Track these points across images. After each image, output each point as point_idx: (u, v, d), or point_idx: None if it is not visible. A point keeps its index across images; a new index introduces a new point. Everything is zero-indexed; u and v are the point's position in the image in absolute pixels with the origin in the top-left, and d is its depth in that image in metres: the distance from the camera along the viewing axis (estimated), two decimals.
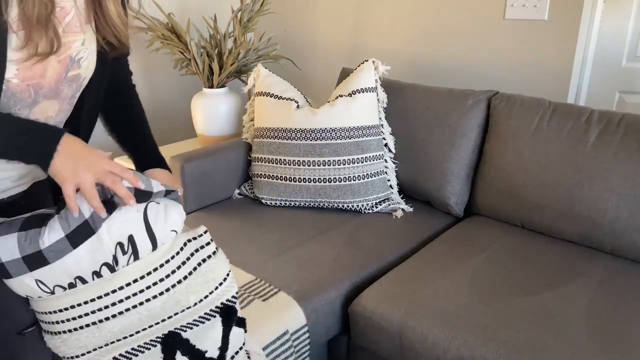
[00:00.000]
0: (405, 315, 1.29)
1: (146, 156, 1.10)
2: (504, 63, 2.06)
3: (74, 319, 0.89)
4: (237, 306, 1.00)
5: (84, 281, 0.87)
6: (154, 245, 0.89)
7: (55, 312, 0.89)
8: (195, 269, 0.93)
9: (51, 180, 1.08)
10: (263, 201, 1.90)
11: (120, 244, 0.86)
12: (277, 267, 1.47)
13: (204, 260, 0.94)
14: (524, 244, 1.59)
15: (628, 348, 1.15)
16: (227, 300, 0.97)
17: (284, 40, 2.77)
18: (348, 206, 1.83)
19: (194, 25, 2.47)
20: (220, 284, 0.96)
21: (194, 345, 0.95)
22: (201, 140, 2.38)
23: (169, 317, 0.92)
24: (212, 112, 2.29)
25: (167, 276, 0.91)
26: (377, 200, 1.85)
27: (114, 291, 0.88)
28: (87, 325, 0.89)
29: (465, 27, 2.12)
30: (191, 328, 0.94)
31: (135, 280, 0.89)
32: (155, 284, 0.90)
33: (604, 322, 1.23)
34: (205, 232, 0.97)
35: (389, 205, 1.85)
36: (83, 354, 0.91)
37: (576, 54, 1.88)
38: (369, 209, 1.83)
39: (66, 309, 0.89)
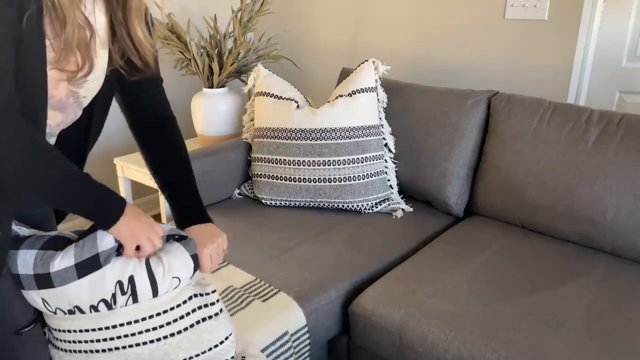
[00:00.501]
0: (405, 315, 1.29)
1: (190, 211, 1.08)
2: (504, 63, 2.06)
3: (68, 341, 0.92)
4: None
5: (81, 311, 0.89)
6: (154, 290, 0.90)
7: (56, 330, 0.92)
8: (192, 325, 0.93)
9: None
10: (263, 201, 1.90)
11: (120, 283, 0.88)
12: (277, 267, 1.47)
13: (204, 319, 0.93)
14: (524, 244, 1.59)
15: (628, 348, 1.15)
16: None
17: (284, 40, 2.77)
18: (348, 206, 1.83)
19: (194, 25, 2.47)
20: (216, 345, 0.95)
21: None
22: (201, 140, 2.38)
23: None
24: (212, 112, 2.28)
25: (162, 326, 0.91)
26: (377, 200, 1.85)
27: (107, 327, 0.90)
28: (79, 351, 0.91)
29: (465, 27, 2.12)
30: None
31: (129, 322, 0.90)
32: (148, 330, 0.91)
33: (604, 322, 1.23)
34: (214, 291, 0.96)
35: (389, 205, 1.85)
36: None
37: (576, 54, 1.88)
38: (369, 209, 1.83)
39: (63, 330, 0.91)
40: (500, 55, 2.06)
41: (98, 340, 0.90)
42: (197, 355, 0.94)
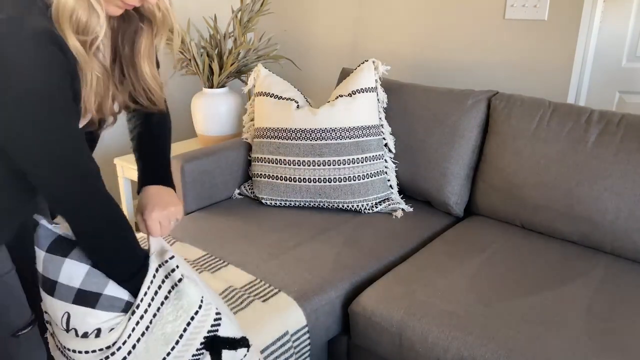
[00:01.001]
0: (405, 315, 1.29)
1: (153, 173, 1.09)
2: (504, 63, 2.05)
3: (76, 351, 0.91)
4: (224, 329, 0.97)
5: (97, 335, 0.89)
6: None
7: (60, 347, 0.93)
8: (166, 297, 0.92)
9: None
10: (263, 201, 1.90)
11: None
12: (277, 267, 1.47)
13: (173, 287, 0.93)
14: (524, 244, 1.59)
15: (628, 348, 1.15)
16: (209, 331, 0.95)
17: (284, 40, 2.77)
18: (348, 206, 1.83)
19: (194, 25, 2.47)
20: (196, 312, 0.94)
21: None
22: (201, 140, 2.38)
23: None
24: (212, 112, 2.28)
25: (145, 311, 0.91)
26: (377, 200, 1.85)
27: (108, 347, 0.90)
28: None
29: (465, 27, 2.12)
30: None
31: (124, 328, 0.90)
32: (137, 323, 0.91)
33: (604, 322, 1.23)
34: (172, 257, 0.95)
35: (389, 205, 1.85)
36: None
37: (576, 54, 1.88)
38: (369, 209, 1.83)
39: (68, 349, 0.91)
40: (500, 55, 2.05)
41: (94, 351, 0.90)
42: (184, 330, 0.93)
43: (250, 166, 1.97)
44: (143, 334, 0.91)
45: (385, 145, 1.90)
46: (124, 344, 0.89)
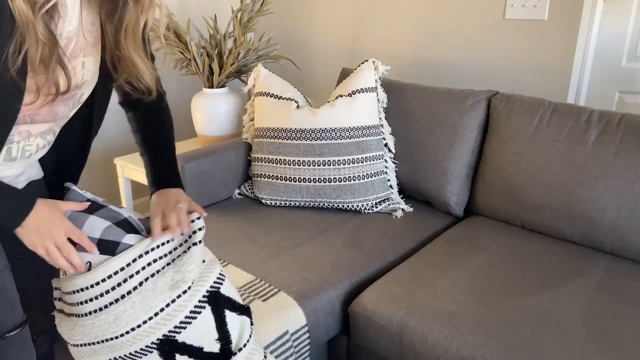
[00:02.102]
0: (405, 315, 1.29)
1: (161, 175, 1.09)
2: (504, 63, 2.06)
3: (84, 302, 0.93)
4: (226, 289, 1.01)
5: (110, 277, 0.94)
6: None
7: (76, 291, 0.93)
8: (185, 252, 0.97)
9: (48, 179, 1.07)
10: (263, 201, 1.90)
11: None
12: (277, 267, 1.47)
13: (193, 245, 0.98)
14: (524, 244, 1.59)
15: (628, 348, 1.15)
16: (211, 286, 0.98)
17: (284, 40, 2.77)
18: (348, 206, 1.83)
19: (194, 25, 2.47)
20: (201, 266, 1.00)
21: (191, 345, 0.96)
22: (201, 140, 2.38)
23: (161, 310, 0.94)
24: (212, 112, 2.28)
25: (164, 255, 0.97)
26: (377, 200, 1.85)
27: (122, 268, 0.93)
28: (93, 312, 0.93)
29: (465, 27, 2.12)
30: (184, 328, 0.95)
31: (140, 256, 0.95)
32: (154, 261, 0.95)
33: (604, 322, 1.23)
34: (199, 218, 1.01)
35: (389, 205, 1.85)
36: (85, 344, 0.94)
37: (576, 54, 1.88)
38: (368, 209, 1.83)
39: (82, 289, 0.93)
40: (500, 55, 2.06)
41: (113, 288, 0.93)
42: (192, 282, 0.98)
43: (250, 166, 1.97)
44: (153, 275, 0.95)
45: (385, 145, 1.90)
46: (136, 273, 0.93)
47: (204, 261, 1.00)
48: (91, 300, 0.92)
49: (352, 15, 2.47)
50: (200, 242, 0.98)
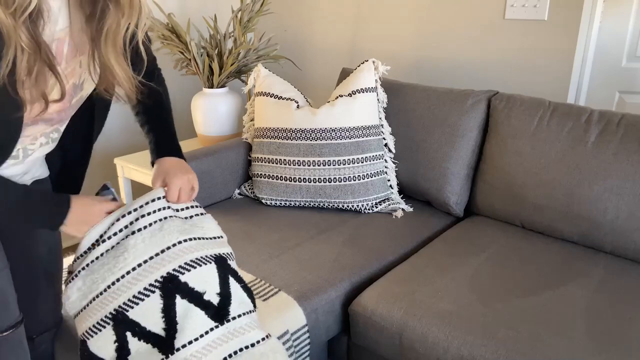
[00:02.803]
0: (405, 315, 1.29)
1: (165, 145, 1.13)
2: (504, 63, 2.06)
3: (98, 243, 0.99)
4: (233, 264, 1.06)
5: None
6: None
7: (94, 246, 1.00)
8: (191, 217, 1.07)
9: (53, 179, 1.08)
10: (263, 201, 1.90)
11: None
12: (277, 267, 1.47)
13: (197, 215, 1.07)
14: (524, 244, 1.59)
15: (628, 348, 1.15)
16: (222, 253, 1.04)
17: (284, 40, 2.77)
18: (348, 206, 1.83)
19: (194, 25, 2.47)
20: (213, 237, 1.06)
21: (193, 288, 0.99)
22: (201, 140, 2.38)
23: (167, 248, 0.99)
24: (212, 112, 2.28)
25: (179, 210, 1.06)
26: (377, 200, 1.85)
27: (135, 209, 1.01)
28: (108, 251, 0.99)
29: (465, 27, 2.12)
30: (188, 270, 0.98)
31: (153, 200, 1.02)
32: (165, 208, 1.03)
33: (604, 322, 1.23)
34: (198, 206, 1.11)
35: (389, 205, 1.85)
36: (95, 297, 0.98)
37: (576, 54, 1.88)
38: (369, 209, 1.83)
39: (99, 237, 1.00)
40: (500, 55, 2.06)
41: (121, 230, 1.00)
42: (198, 238, 1.05)
43: (250, 166, 1.97)
44: (163, 220, 1.01)
45: (385, 145, 1.90)
46: (147, 214, 1.00)
47: (221, 237, 1.08)
48: (104, 241, 0.98)
49: (352, 15, 2.47)
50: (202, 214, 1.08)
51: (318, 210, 1.85)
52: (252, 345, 1.03)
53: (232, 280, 1.04)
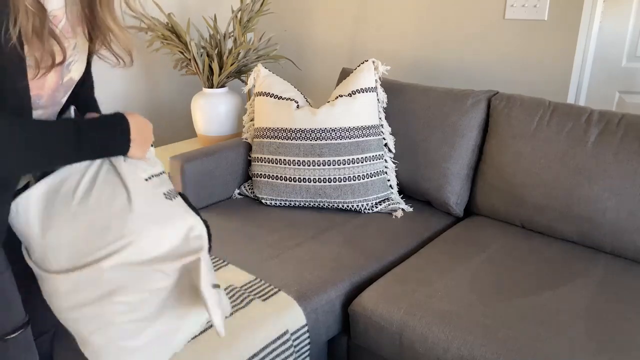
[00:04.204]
0: (405, 315, 1.29)
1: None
2: (504, 63, 2.06)
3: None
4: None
5: None
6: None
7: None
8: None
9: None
10: (263, 201, 1.90)
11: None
12: (277, 267, 1.47)
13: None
14: (524, 244, 1.59)
15: (628, 348, 1.15)
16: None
17: (284, 40, 2.77)
18: (348, 206, 1.83)
19: (194, 25, 2.47)
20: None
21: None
22: (201, 140, 2.38)
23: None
24: (212, 112, 2.29)
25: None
26: (377, 200, 1.85)
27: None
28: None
29: (465, 27, 2.12)
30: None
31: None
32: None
33: (604, 322, 1.23)
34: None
35: (389, 205, 1.85)
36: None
37: (576, 54, 1.88)
38: (368, 209, 1.83)
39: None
40: (500, 55, 2.06)
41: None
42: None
43: (250, 166, 1.97)
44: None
45: (385, 145, 1.90)
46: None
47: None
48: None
49: (352, 15, 2.48)
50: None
51: (318, 210, 1.85)
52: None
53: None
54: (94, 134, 0.86)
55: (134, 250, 0.86)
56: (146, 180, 0.93)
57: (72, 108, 0.97)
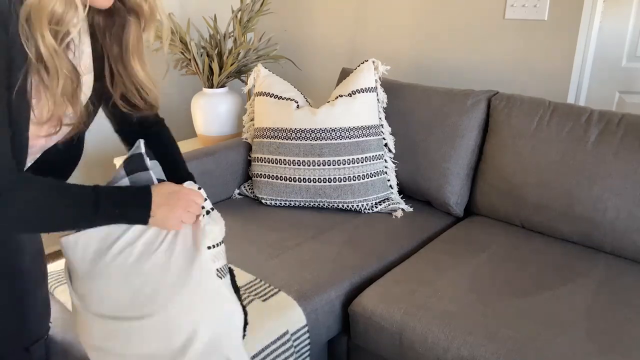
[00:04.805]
0: (405, 315, 1.29)
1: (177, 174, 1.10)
2: (504, 63, 2.06)
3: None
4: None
5: None
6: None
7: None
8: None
9: None
10: (263, 201, 1.90)
11: None
12: (277, 267, 1.47)
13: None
14: (524, 244, 1.59)
15: (628, 348, 1.15)
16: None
17: (284, 40, 2.77)
18: (348, 206, 1.83)
19: (194, 25, 2.47)
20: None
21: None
22: (201, 140, 2.38)
23: None
24: (212, 112, 2.29)
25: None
26: (377, 200, 1.85)
27: None
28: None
29: (465, 27, 2.12)
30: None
31: None
32: None
33: (604, 322, 1.23)
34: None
35: (389, 205, 1.85)
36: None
37: (576, 54, 1.88)
38: (368, 209, 1.83)
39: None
40: (500, 55, 2.06)
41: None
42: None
43: (250, 166, 1.97)
44: None
45: (385, 145, 1.90)
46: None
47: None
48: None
49: (352, 15, 2.47)
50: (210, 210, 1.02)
51: (318, 210, 1.85)
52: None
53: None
54: (110, 206, 0.86)
55: (166, 320, 0.89)
56: (209, 248, 0.97)
57: (142, 142, 0.96)
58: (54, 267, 1.48)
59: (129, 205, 0.87)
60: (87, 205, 0.83)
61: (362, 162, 1.81)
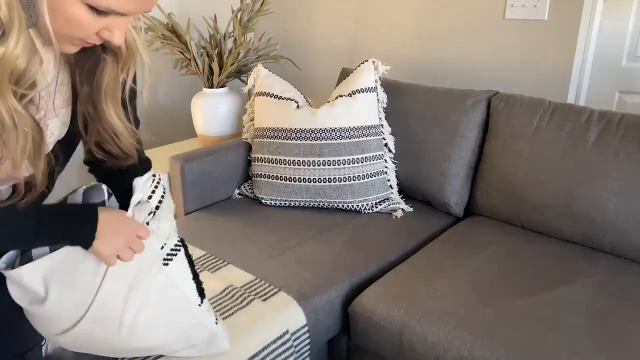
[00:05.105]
0: (405, 315, 1.29)
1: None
2: (504, 63, 2.05)
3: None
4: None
5: None
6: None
7: None
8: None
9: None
10: (263, 201, 1.90)
11: None
12: (277, 267, 1.47)
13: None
14: (524, 244, 1.59)
15: (628, 348, 1.15)
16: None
17: (284, 40, 2.77)
18: (348, 206, 1.83)
19: (194, 25, 2.46)
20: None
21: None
22: (201, 140, 2.38)
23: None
24: (212, 112, 2.28)
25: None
26: (377, 200, 1.85)
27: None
28: None
29: (465, 27, 2.12)
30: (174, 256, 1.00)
31: None
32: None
33: (604, 322, 1.23)
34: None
35: (389, 205, 1.85)
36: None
37: (576, 54, 1.88)
38: (368, 209, 1.83)
39: None
40: (500, 55, 2.05)
41: None
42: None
43: (250, 166, 1.97)
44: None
45: (385, 145, 1.90)
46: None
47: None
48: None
49: (352, 15, 2.47)
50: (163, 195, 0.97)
51: (318, 210, 1.85)
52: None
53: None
54: (53, 227, 0.80)
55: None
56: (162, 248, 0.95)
57: (104, 188, 0.91)
58: None
59: (73, 230, 0.81)
60: (28, 218, 0.77)
61: (362, 162, 1.81)
